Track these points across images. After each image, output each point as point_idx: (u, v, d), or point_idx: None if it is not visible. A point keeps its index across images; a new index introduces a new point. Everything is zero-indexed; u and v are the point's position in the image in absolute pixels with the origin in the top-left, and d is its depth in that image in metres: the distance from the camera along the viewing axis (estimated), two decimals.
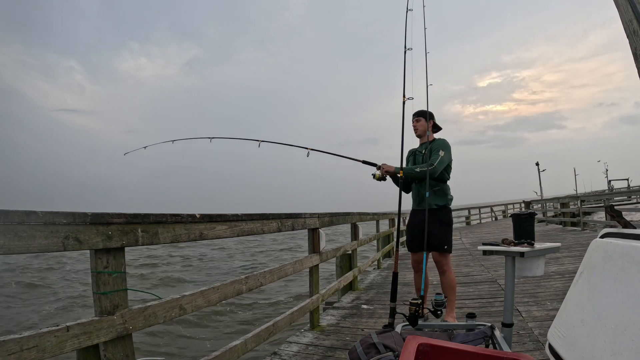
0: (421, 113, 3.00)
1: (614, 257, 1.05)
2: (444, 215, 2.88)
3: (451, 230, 2.95)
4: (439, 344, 1.25)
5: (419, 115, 3.01)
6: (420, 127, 2.98)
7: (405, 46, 2.90)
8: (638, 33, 1.56)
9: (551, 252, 1.91)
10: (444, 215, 2.88)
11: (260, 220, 2.33)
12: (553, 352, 1.18)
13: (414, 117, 3.03)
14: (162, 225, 1.58)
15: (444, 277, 2.87)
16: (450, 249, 2.88)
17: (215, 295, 1.88)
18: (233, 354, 1.98)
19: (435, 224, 2.85)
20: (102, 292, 1.33)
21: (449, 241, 2.88)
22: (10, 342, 1.02)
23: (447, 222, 2.90)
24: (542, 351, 2.19)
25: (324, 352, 2.57)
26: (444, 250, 2.83)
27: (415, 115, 3.03)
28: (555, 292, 3.62)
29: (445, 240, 2.85)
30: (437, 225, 2.85)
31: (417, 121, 3.00)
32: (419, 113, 3.02)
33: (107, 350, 1.32)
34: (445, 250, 2.84)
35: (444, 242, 2.84)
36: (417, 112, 3.03)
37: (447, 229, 2.89)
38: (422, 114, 2.99)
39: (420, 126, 2.98)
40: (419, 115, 3.01)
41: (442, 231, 2.85)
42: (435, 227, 2.84)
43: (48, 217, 1.15)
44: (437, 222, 2.86)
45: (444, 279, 2.88)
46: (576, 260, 5.09)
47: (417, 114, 3.03)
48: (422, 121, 2.98)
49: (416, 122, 3.01)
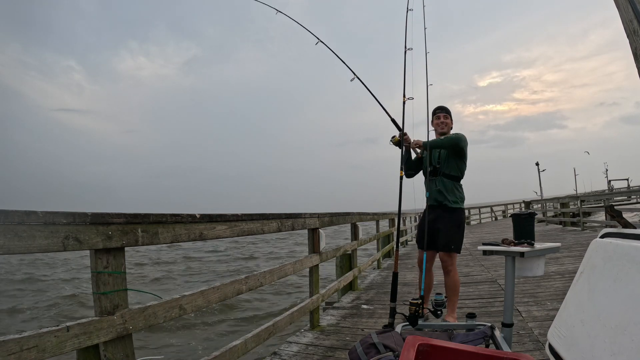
0: (448, 110, 2.89)
1: (614, 257, 1.05)
2: (454, 214, 2.81)
3: (461, 230, 2.86)
4: (439, 344, 1.25)
5: (447, 112, 2.89)
6: (449, 124, 2.90)
7: (405, 46, 2.90)
8: (638, 33, 1.56)
9: (551, 252, 1.91)
10: (454, 214, 2.81)
11: (260, 220, 2.33)
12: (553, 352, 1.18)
13: (441, 113, 2.90)
14: (162, 225, 1.58)
15: (448, 278, 2.82)
16: (459, 250, 2.81)
17: (215, 295, 1.88)
18: (233, 354, 1.98)
19: (444, 222, 2.79)
20: (102, 292, 1.33)
21: (458, 241, 2.80)
22: (10, 342, 1.02)
23: (457, 221, 2.82)
24: (542, 351, 2.19)
25: (324, 352, 2.57)
26: (450, 250, 2.77)
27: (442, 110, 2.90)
28: (555, 292, 3.62)
29: (453, 240, 2.78)
30: (446, 223, 2.79)
31: (446, 118, 2.90)
32: (446, 109, 2.89)
33: (107, 350, 1.32)
34: (452, 250, 2.77)
35: (451, 241, 2.77)
36: (442, 107, 2.90)
37: (456, 229, 2.81)
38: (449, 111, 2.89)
39: (449, 123, 2.90)
40: (446, 112, 2.89)
41: (452, 230, 2.78)
42: (444, 226, 2.79)
43: (48, 217, 1.15)
44: (446, 220, 2.80)
45: (448, 280, 2.83)
46: (576, 260, 5.09)
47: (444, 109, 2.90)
48: (449, 119, 2.90)
49: (444, 118, 2.89)
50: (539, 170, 19.84)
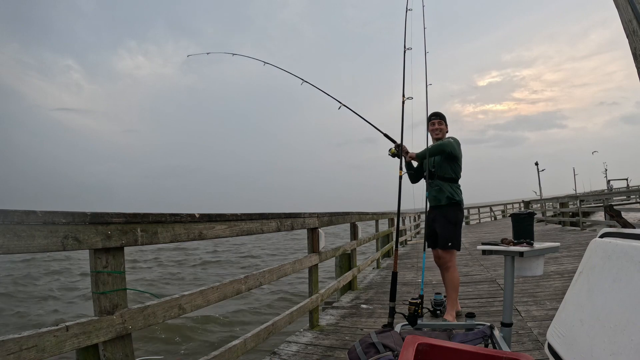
0: (442, 116, 2.94)
1: (613, 257, 1.05)
2: (449, 212, 2.88)
3: (458, 228, 2.93)
4: (438, 344, 1.25)
5: (442, 118, 2.95)
6: (444, 129, 2.96)
7: (404, 46, 2.90)
8: (638, 33, 1.56)
9: (550, 252, 1.91)
10: (449, 212, 2.88)
11: (259, 220, 2.33)
12: (552, 352, 1.18)
13: (436, 119, 2.96)
14: (162, 225, 1.58)
15: (447, 274, 2.88)
16: (457, 247, 2.88)
17: (215, 295, 1.88)
18: (232, 354, 1.98)
19: (440, 221, 2.89)
20: (102, 291, 1.33)
21: (454, 238, 2.86)
22: (10, 342, 1.02)
23: (453, 219, 2.89)
24: (542, 351, 2.19)
25: (324, 352, 2.57)
26: (447, 247, 2.84)
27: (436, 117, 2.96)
28: (555, 291, 3.62)
29: (449, 237, 2.85)
30: (442, 222, 2.88)
31: (440, 124, 2.95)
32: (441, 115, 2.95)
33: (106, 350, 1.32)
34: (449, 247, 2.85)
35: (448, 239, 2.85)
36: (437, 113, 2.96)
37: (452, 226, 2.88)
38: (444, 117, 2.94)
39: (444, 129, 2.96)
40: (441, 118, 2.95)
41: (447, 228, 2.86)
42: (440, 224, 2.88)
43: (47, 216, 1.15)
44: (442, 219, 2.89)
45: (447, 277, 2.89)
46: (575, 260, 5.10)
47: (439, 115, 2.96)
48: (444, 124, 2.96)
49: (439, 124, 2.95)
50: (538, 170, 19.86)
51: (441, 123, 2.96)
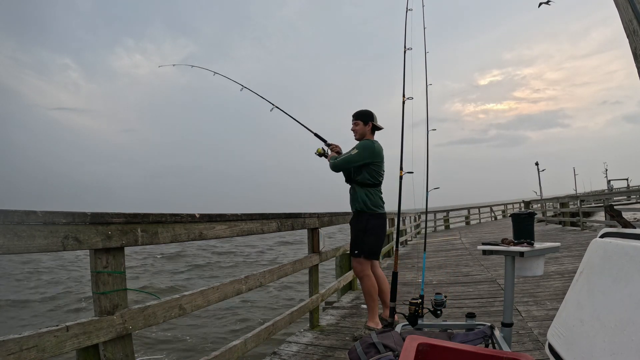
0: (358, 115, 2.87)
1: (613, 257, 1.05)
2: (358, 219, 2.85)
3: (368, 235, 2.80)
4: (438, 344, 1.25)
5: (357, 118, 2.87)
6: (359, 130, 2.86)
7: (405, 46, 2.90)
8: (638, 33, 1.56)
9: (551, 252, 1.91)
10: (358, 219, 2.85)
11: (259, 220, 2.33)
12: (553, 352, 1.18)
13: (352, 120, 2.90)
14: (162, 225, 1.58)
15: (362, 284, 2.85)
16: (365, 254, 2.79)
17: (215, 295, 1.88)
18: (232, 354, 1.98)
19: (351, 228, 2.90)
20: (102, 292, 1.33)
21: (360, 246, 2.79)
22: (10, 342, 1.02)
23: (362, 226, 2.80)
24: (542, 351, 2.19)
25: (324, 352, 2.57)
26: (354, 255, 2.81)
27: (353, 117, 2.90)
28: (555, 291, 3.62)
29: (356, 244, 2.81)
30: (352, 228, 2.90)
31: (356, 125, 2.87)
32: (356, 115, 2.88)
33: (106, 350, 1.32)
34: (355, 255, 2.80)
35: (353, 246, 2.83)
36: (355, 113, 2.89)
37: (361, 234, 2.81)
38: (360, 116, 2.86)
39: (359, 129, 2.86)
40: (356, 117, 2.88)
41: (353, 236, 2.87)
42: (351, 231, 2.90)
43: (47, 216, 1.15)
44: (353, 226, 2.89)
45: (362, 286, 2.85)
46: (576, 260, 5.09)
47: (354, 115, 2.88)
48: (360, 125, 2.86)
49: (354, 125, 2.88)
50: (538, 170, 19.85)
51: (357, 123, 2.86)
